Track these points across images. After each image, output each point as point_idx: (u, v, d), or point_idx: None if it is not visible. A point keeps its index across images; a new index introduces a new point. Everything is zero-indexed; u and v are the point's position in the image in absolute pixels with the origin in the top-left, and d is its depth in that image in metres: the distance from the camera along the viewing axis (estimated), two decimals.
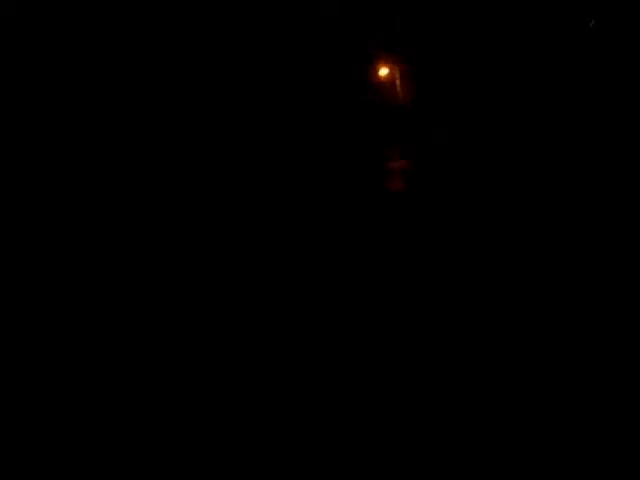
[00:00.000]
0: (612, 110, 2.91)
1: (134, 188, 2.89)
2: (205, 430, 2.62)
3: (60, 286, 2.79)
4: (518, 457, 2.48)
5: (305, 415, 2.66)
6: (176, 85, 2.94)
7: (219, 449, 2.58)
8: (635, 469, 2.36)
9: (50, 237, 2.83)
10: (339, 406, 2.67)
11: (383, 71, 2.99)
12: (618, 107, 2.91)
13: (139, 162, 2.90)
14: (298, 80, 2.96)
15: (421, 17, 3.02)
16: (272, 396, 2.71)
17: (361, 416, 2.63)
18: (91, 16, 2.91)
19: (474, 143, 3.02)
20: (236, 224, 2.92)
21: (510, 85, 2.97)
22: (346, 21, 3.03)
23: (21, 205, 2.83)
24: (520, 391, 2.64)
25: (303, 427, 2.63)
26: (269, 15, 2.93)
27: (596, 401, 2.56)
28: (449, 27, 3.00)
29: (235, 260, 2.90)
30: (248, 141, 2.97)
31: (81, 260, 2.84)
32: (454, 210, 3.02)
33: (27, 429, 2.58)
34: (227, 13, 2.90)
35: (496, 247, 2.95)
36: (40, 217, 2.83)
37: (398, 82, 2.98)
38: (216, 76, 2.93)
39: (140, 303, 2.81)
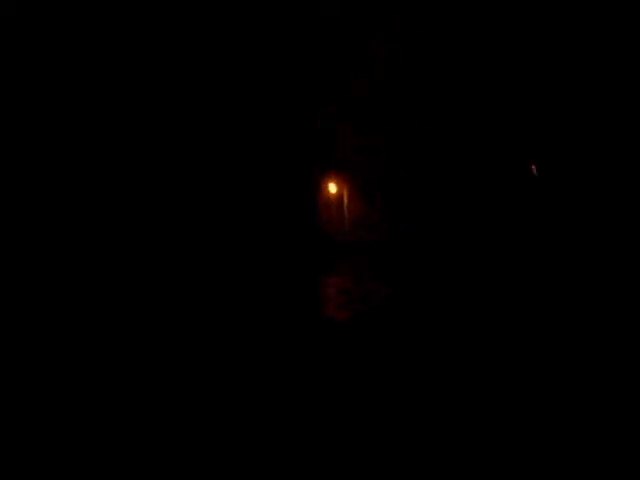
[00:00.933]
0: (611, 111, 2.90)
1: (129, 186, 2.89)
2: (202, 429, 2.62)
3: (59, 284, 2.80)
4: (518, 457, 2.49)
5: (302, 418, 2.66)
6: (173, 85, 2.95)
7: (214, 448, 2.58)
8: (635, 469, 2.36)
9: (49, 236, 2.83)
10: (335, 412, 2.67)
11: (332, 188, 2.83)
12: (617, 109, 2.90)
13: (134, 160, 2.91)
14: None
15: (421, 17, 3.02)
16: (270, 396, 2.71)
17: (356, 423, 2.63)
18: (91, 16, 2.91)
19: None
20: None
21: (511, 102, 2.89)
22: (346, 21, 3.02)
23: (21, 205, 2.83)
24: (518, 395, 2.64)
25: (301, 427, 2.63)
26: (269, 15, 2.93)
27: (596, 401, 2.56)
28: (449, 27, 2.99)
29: None
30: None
31: (80, 259, 2.84)
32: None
33: (27, 428, 2.59)
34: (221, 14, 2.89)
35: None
36: (39, 216, 2.84)
37: (346, 202, 2.84)
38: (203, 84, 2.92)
39: (131, 301, 2.82)
